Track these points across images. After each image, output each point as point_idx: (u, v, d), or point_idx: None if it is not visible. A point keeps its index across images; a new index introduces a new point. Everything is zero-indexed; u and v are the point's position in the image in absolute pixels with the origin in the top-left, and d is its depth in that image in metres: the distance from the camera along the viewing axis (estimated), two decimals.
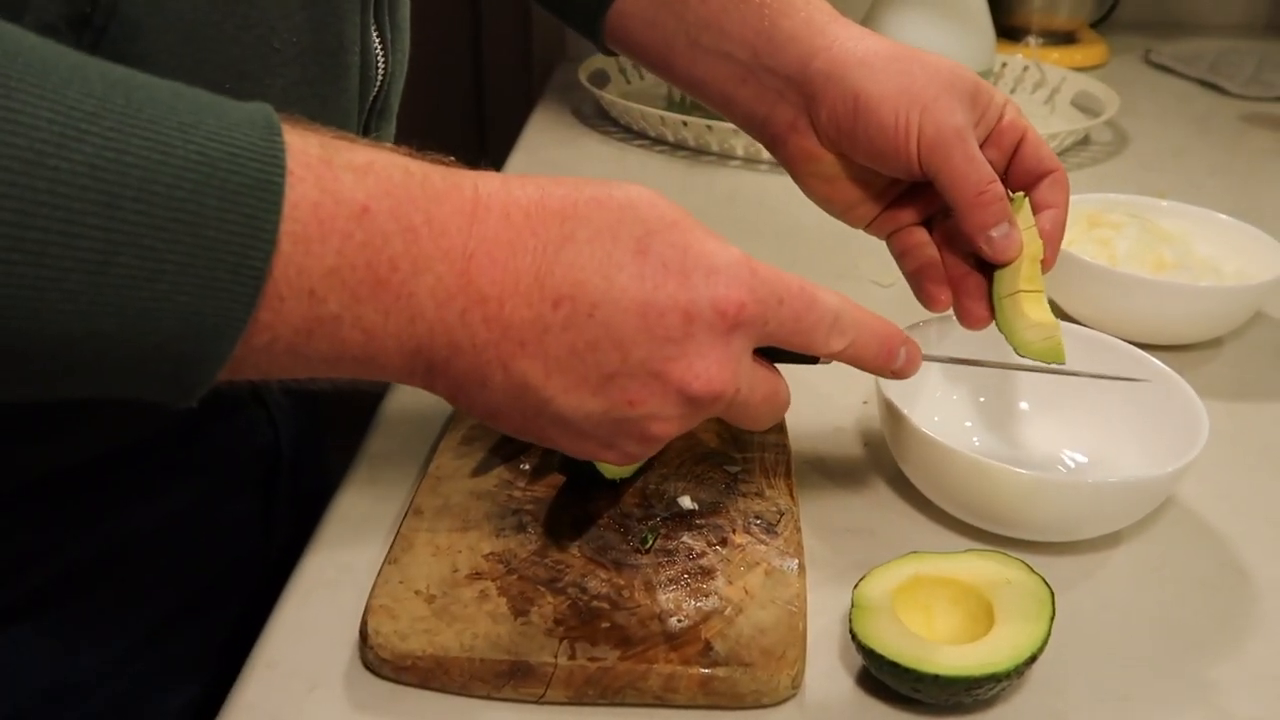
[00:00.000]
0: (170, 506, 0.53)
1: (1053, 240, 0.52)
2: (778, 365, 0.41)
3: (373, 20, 0.49)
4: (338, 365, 0.34)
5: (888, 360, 0.42)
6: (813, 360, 0.42)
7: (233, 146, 0.30)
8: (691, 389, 0.37)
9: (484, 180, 0.36)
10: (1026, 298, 0.50)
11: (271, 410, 0.59)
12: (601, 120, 1.07)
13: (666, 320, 0.36)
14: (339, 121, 0.48)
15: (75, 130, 0.28)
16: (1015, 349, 0.50)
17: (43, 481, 0.47)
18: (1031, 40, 1.33)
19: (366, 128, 0.51)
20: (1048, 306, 0.51)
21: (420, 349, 0.35)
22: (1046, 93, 1.17)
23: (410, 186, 0.34)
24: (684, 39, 0.55)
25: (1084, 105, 1.14)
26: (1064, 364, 0.50)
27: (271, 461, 0.60)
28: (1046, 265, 0.51)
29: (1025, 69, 1.19)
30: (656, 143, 1.02)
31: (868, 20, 1.04)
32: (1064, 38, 1.34)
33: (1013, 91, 1.19)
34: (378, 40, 0.49)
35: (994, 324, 0.52)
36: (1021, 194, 0.52)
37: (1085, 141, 1.07)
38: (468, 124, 1.51)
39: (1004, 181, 0.51)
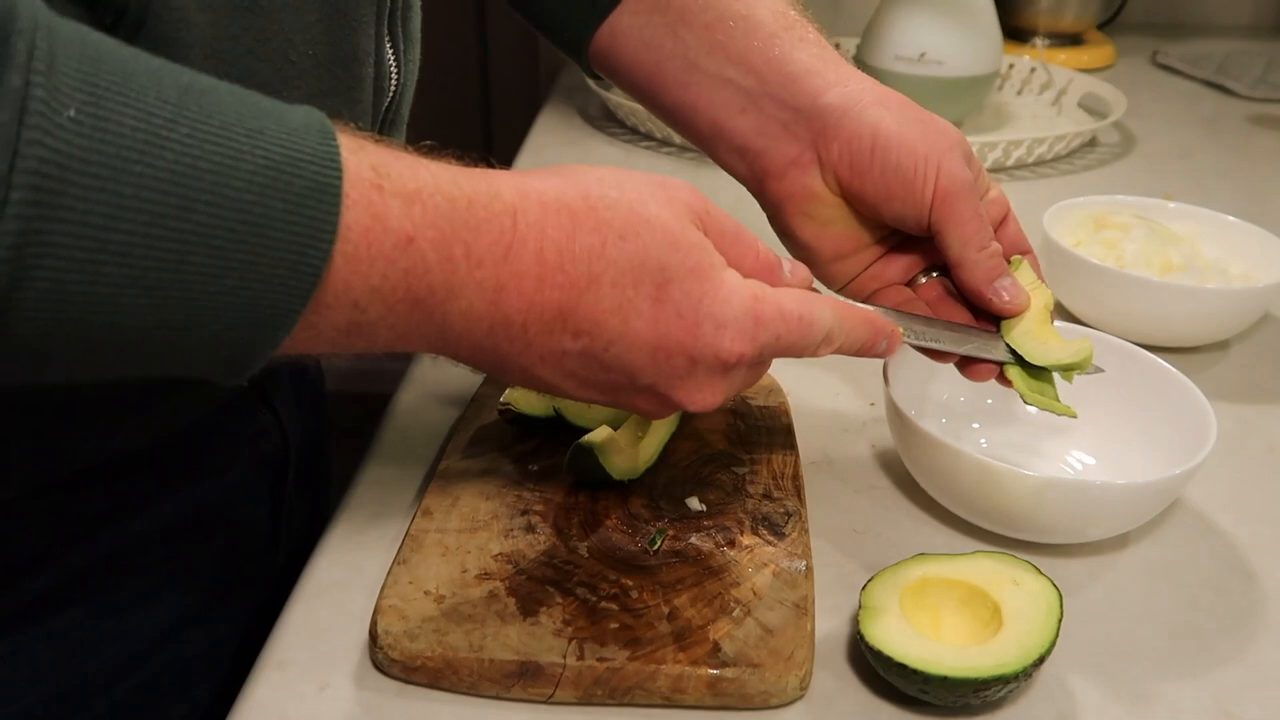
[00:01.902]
0: (179, 510, 0.53)
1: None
2: None
3: (386, 32, 0.49)
4: (367, 351, 0.37)
5: (869, 351, 0.46)
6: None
7: (294, 151, 0.32)
8: (688, 408, 0.42)
9: (523, 209, 0.38)
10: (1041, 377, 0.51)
11: (279, 414, 0.60)
12: (608, 121, 1.07)
13: (673, 361, 0.40)
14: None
15: (157, 137, 0.29)
16: (1023, 398, 0.50)
17: (51, 485, 0.47)
18: (1039, 41, 1.33)
19: (379, 137, 0.52)
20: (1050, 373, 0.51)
21: (446, 347, 0.38)
22: (1053, 94, 1.17)
23: (454, 218, 0.36)
24: (680, 62, 0.54)
25: (1091, 107, 1.14)
26: (1075, 416, 0.51)
27: (279, 465, 0.60)
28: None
29: (1032, 70, 1.19)
30: (663, 144, 1.02)
31: (874, 22, 1.04)
32: (1071, 39, 1.34)
33: (1019, 93, 1.19)
34: (390, 51, 0.50)
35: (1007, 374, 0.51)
36: (1018, 256, 0.52)
37: (1092, 143, 1.07)
38: (475, 125, 1.52)
39: None
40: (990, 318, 0.52)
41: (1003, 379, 0.51)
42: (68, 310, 0.29)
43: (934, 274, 0.53)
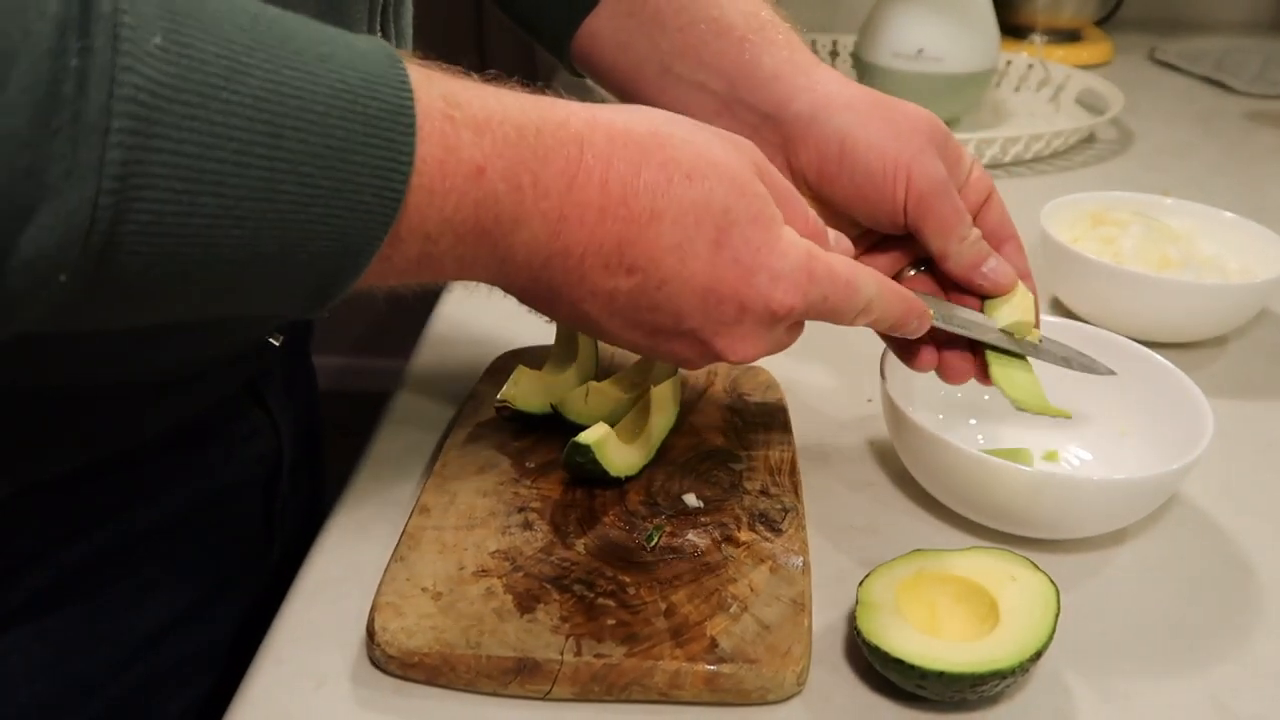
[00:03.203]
0: (172, 508, 0.53)
1: (1033, 308, 0.52)
2: None
3: (379, 28, 0.49)
4: (428, 281, 0.38)
5: (900, 327, 0.47)
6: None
7: (365, 74, 0.32)
8: (727, 357, 0.42)
9: (590, 140, 0.38)
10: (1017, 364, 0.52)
11: (272, 412, 0.59)
12: None
13: (724, 307, 0.40)
14: None
15: (239, 64, 0.29)
16: (1014, 403, 0.51)
17: (44, 484, 0.47)
18: (1036, 38, 1.33)
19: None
20: (1030, 365, 0.52)
21: (504, 277, 0.39)
22: (1051, 91, 1.17)
23: (521, 146, 0.36)
24: (655, 65, 0.54)
25: (1089, 103, 1.14)
26: (1069, 418, 0.52)
27: (273, 463, 0.60)
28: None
29: (1030, 67, 1.19)
30: None
31: (872, 19, 1.04)
32: (1069, 35, 1.34)
33: (1017, 90, 1.19)
34: None
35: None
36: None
37: (1090, 139, 1.07)
38: None
39: None
40: (977, 299, 0.52)
41: (983, 378, 0.51)
42: (166, 243, 0.29)
43: (921, 268, 0.53)
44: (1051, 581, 0.45)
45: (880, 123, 0.49)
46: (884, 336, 0.53)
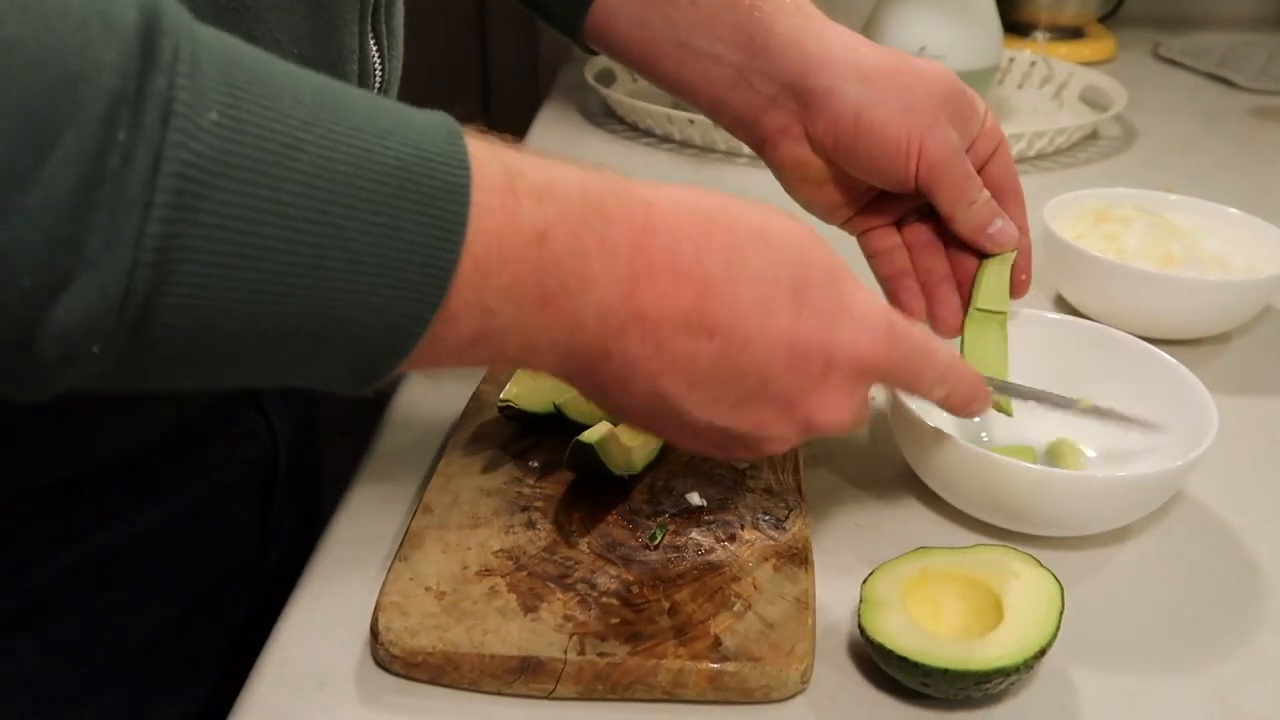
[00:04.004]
0: (168, 513, 0.53)
1: (1025, 254, 0.55)
2: None
3: (370, 29, 0.49)
4: (492, 364, 0.36)
5: (966, 405, 0.46)
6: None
7: (422, 151, 0.31)
8: (815, 420, 0.40)
9: (656, 203, 0.37)
10: (992, 323, 0.55)
11: (269, 415, 0.59)
12: (608, 119, 1.07)
13: (810, 363, 0.39)
14: None
15: (294, 139, 0.29)
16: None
17: (38, 490, 0.47)
18: (1039, 35, 1.33)
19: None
20: (1007, 332, 0.55)
21: (575, 355, 0.36)
22: (1054, 87, 1.16)
23: (586, 211, 0.35)
24: (671, 40, 0.55)
25: (1092, 100, 1.14)
26: (1010, 415, 0.54)
27: (269, 466, 0.60)
28: (1020, 289, 0.56)
29: (1033, 64, 1.19)
30: (663, 140, 1.02)
31: (874, 16, 1.04)
32: (1072, 32, 1.33)
33: (1020, 87, 1.19)
34: (375, 48, 0.50)
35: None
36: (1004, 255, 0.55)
37: (1093, 136, 1.07)
38: (474, 124, 1.52)
39: None
40: (976, 255, 0.55)
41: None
42: (205, 316, 0.28)
43: (918, 216, 0.56)
44: (1056, 579, 0.45)
45: (895, 94, 0.50)
46: (875, 264, 0.57)
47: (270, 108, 0.28)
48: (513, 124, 1.39)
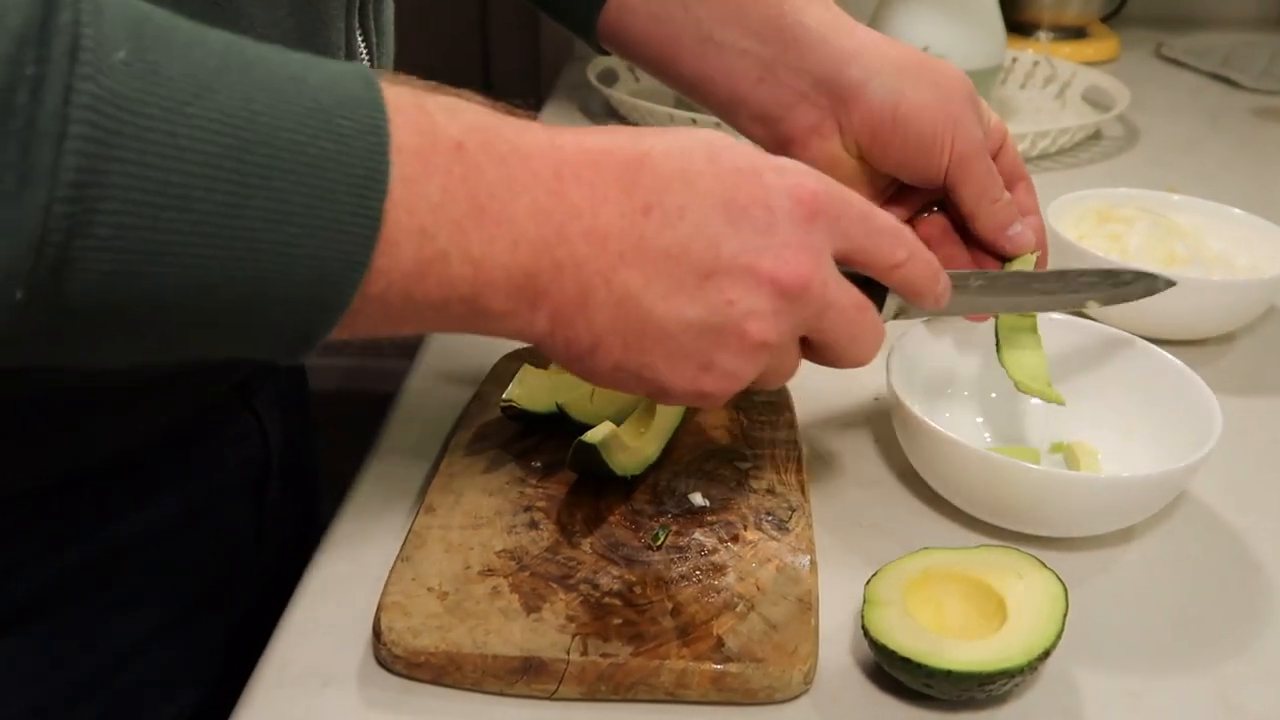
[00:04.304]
0: (160, 514, 0.53)
1: (1041, 243, 0.56)
2: None
3: (358, 24, 0.49)
4: (446, 309, 0.35)
5: (934, 282, 0.43)
6: (880, 293, 0.42)
7: (339, 95, 0.31)
8: (781, 276, 0.38)
9: (554, 127, 0.38)
10: (1023, 326, 0.55)
11: (261, 416, 0.59)
12: (610, 118, 1.07)
13: (750, 213, 0.37)
14: None
15: (207, 82, 0.29)
16: (1016, 385, 0.53)
17: (29, 492, 0.47)
18: (1042, 35, 1.32)
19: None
20: (1039, 337, 0.55)
21: (526, 275, 0.35)
22: (1057, 87, 1.16)
23: (495, 121, 0.36)
24: (693, 34, 0.54)
25: (1095, 100, 1.14)
26: (1063, 404, 0.53)
27: (261, 468, 0.60)
28: (1042, 262, 0.56)
29: (1036, 64, 1.19)
30: None
31: (877, 15, 1.04)
32: (1075, 32, 1.33)
33: (1023, 87, 1.19)
34: (363, 44, 0.49)
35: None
36: (1028, 256, 0.55)
37: (1096, 136, 1.07)
38: None
39: None
40: (997, 258, 0.55)
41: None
42: (129, 261, 0.28)
43: (934, 209, 0.56)
44: (1059, 580, 0.45)
45: (929, 86, 0.51)
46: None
47: (178, 54, 0.29)
48: None
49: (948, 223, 0.56)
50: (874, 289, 0.43)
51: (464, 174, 0.34)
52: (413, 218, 0.33)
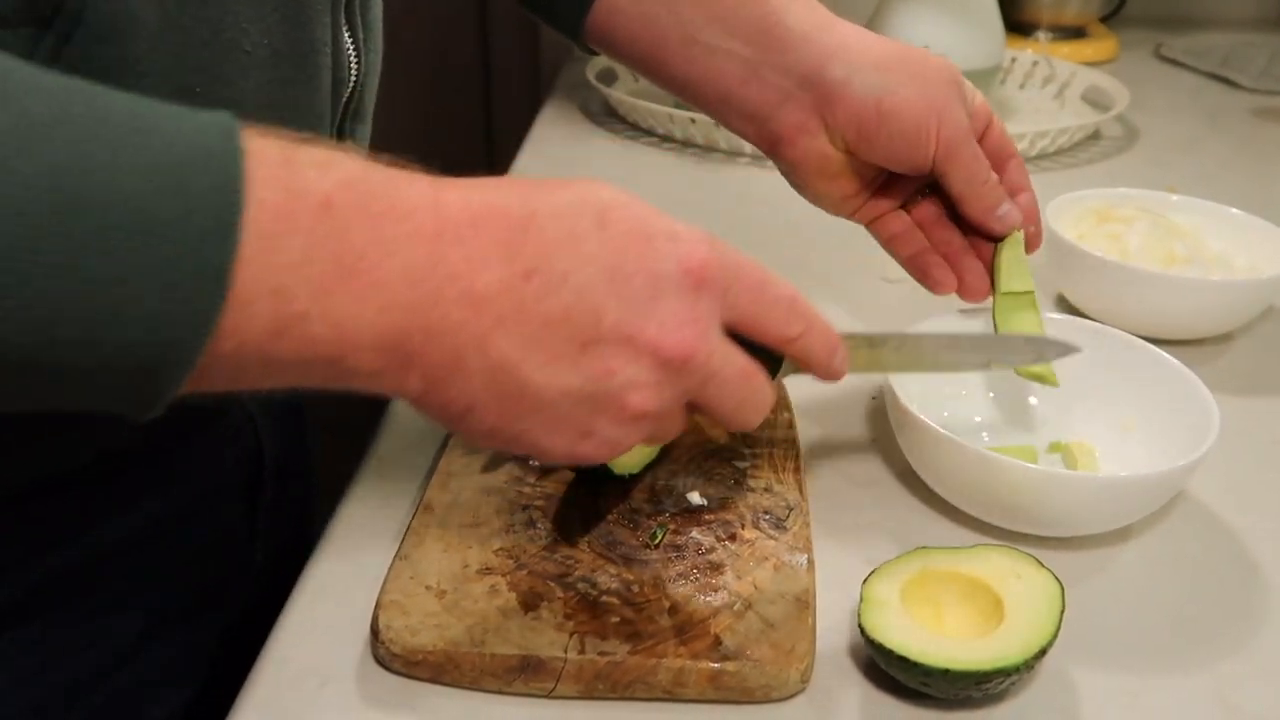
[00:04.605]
0: (154, 515, 0.52)
1: (1034, 217, 0.56)
2: None
3: (344, 20, 0.48)
4: (308, 369, 0.33)
5: (829, 355, 0.42)
6: (774, 364, 0.41)
7: (192, 149, 0.30)
8: (663, 347, 0.36)
9: (442, 180, 0.36)
10: (1021, 304, 0.55)
11: (255, 416, 0.59)
12: (610, 118, 1.07)
13: (635, 283, 0.36)
14: (312, 124, 0.47)
15: (36, 136, 0.28)
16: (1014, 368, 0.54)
17: (22, 494, 0.47)
18: (1041, 35, 1.32)
19: (340, 129, 0.51)
20: (1039, 308, 0.55)
21: (395, 338, 0.34)
22: (1056, 88, 1.16)
23: (372, 177, 0.34)
24: (679, 36, 0.55)
25: (1094, 100, 1.14)
26: (1057, 386, 0.54)
27: (255, 467, 0.59)
28: (1034, 241, 0.57)
29: (1035, 64, 1.19)
30: (665, 140, 1.02)
31: (876, 15, 1.04)
32: (1074, 32, 1.33)
33: (1022, 87, 1.19)
34: (350, 40, 0.49)
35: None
36: (1017, 234, 0.56)
37: (1095, 136, 1.07)
38: (476, 123, 1.52)
39: None
40: (988, 239, 0.56)
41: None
42: None
43: (926, 194, 0.57)
44: (1056, 578, 0.45)
45: (911, 78, 0.52)
46: (894, 247, 0.57)
47: (8, 108, 0.27)
48: (514, 124, 1.39)
49: (940, 207, 0.56)
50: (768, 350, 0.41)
51: (330, 232, 0.32)
52: (269, 277, 0.31)
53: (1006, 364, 0.52)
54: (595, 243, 0.36)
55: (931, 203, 0.57)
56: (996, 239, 0.56)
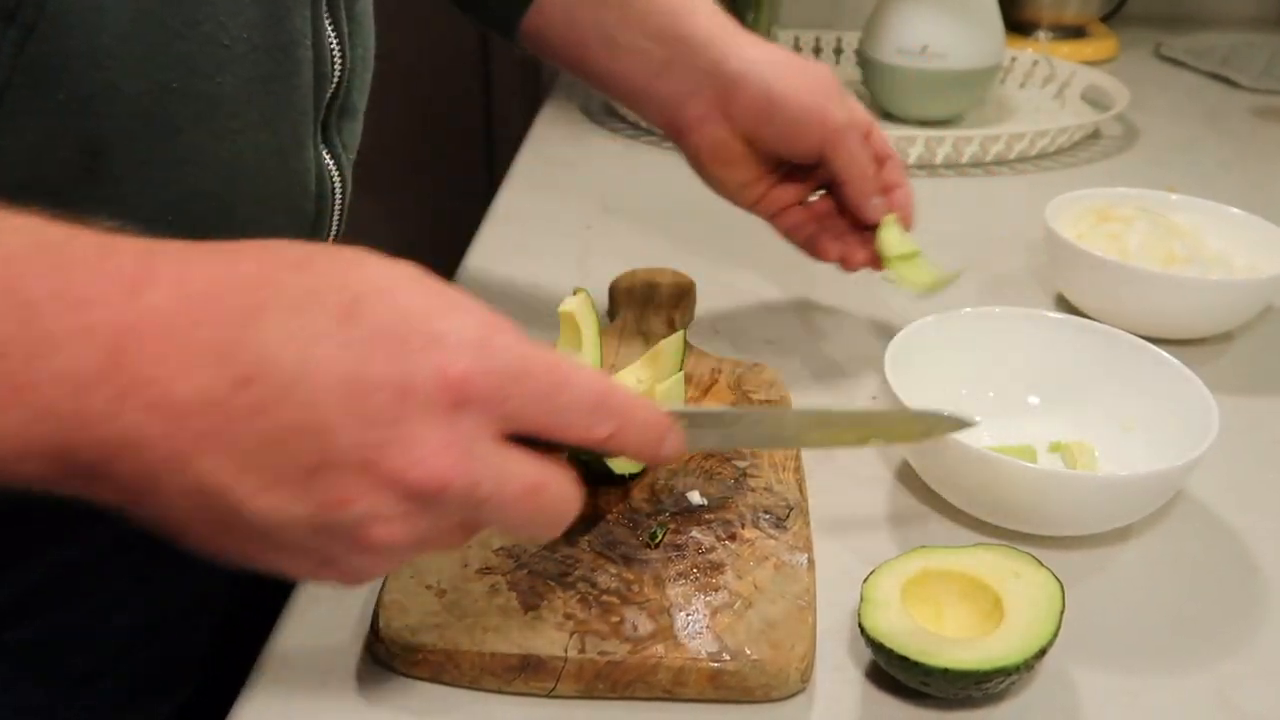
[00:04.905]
0: (132, 524, 0.52)
1: (908, 206, 0.63)
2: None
3: (326, 13, 0.48)
4: None
5: (657, 444, 0.36)
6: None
7: None
8: (409, 479, 0.30)
9: (158, 247, 0.31)
10: (912, 264, 0.63)
11: None
12: (609, 117, 1.07)
13: (376, 399, 0.30)
14: (295, 120, 0.47)
15: None
16: (912, 289, 0.62)
17: (21, 492, 0.47)
18: (1041, 34, 1.32)
19: (325, 127, 0.51)
20: (925, 261, 0.63)
21: (61, 452, 0.29)
22: (1056, 87, 1.16)
23: (35, 257, 0.29)
24: (599, 37, 0.61)
25: (1094, 99, 1.14)
26: (956, 279, 0.63)
27: None
28: (906, 223, 0.63)
29: (1035, 63, 1.19)
30: (665, 139, 1.02)
31: (876, 16, 1.04)
32: (1074, 32, 1.33)
33: (1022, 86, 1.19)
34: (333, 35, 0.48)
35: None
36: (890, 216, 0.62)
37: (1095, 136, 1.07)
38: (476, 122, 1.52)
39: None
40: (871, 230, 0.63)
41: (877, 265, 0.63)
42: None
43: (822, 192, 0.64)
44: (1056, 578, 0.45)
45: (797, 76, 0.59)
46: (792, 236, 0.64)
47: None
48: (513, 123, 1.39)
49: (832, 206, 0.63)
50: None
51: None
52: None
53: (887, 441, 0.54)
54: (334, 344, 0.30)
55: (824, 201, 0.64)
56: (871, 227, 0.63)
